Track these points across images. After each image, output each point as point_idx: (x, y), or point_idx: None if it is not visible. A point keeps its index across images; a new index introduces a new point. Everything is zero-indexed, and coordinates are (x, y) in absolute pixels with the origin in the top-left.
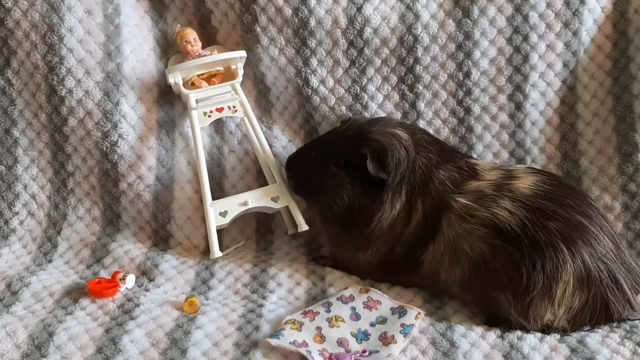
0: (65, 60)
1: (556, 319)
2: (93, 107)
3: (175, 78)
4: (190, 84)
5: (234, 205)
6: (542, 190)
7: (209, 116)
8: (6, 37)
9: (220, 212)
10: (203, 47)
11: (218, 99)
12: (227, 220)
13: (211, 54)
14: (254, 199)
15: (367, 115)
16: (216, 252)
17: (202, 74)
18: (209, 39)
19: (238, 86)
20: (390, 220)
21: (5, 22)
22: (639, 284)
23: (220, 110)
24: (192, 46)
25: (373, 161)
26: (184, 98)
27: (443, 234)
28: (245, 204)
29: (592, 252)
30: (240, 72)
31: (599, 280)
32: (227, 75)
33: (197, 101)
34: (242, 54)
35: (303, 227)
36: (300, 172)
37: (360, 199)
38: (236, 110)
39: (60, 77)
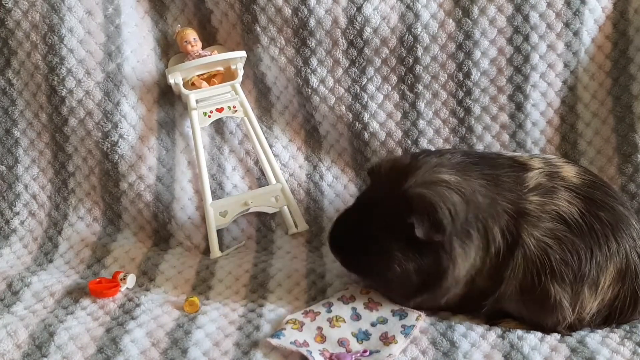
0: (65, 60)
1: (591, 312)
2: (93, 107)
3: (175, 78)
4: (191, 84)
5: (234, 205)
6: (587, 179)
7: (209, 116)
8: (7, 38)
9: (221, 212)
10: (203, 47)
11: (218, 99)
12: (227, 220)
13: (211, 54)
14: (255, 199)
15: (367, 115)
16: (216, 252)
17: (202, 74)
18: (209, 39)
19: (238, 86)
20: (467, 268)
21: (6, 23)
22: None
23: (220, 110)
24: (192, 46)
25: (422, 225)
26: (184, 98)
27: (522, 246)
28: (245, 204)
29: (633, 245)
30: (240, 72)
31: (634, 274)
32: (227, 75)
33: (197, 101)
34: (242, 54)
35: (303, 226)
36: (344, 248)
37: (419, 264)
38: (236, 111)
39: (61, 77)
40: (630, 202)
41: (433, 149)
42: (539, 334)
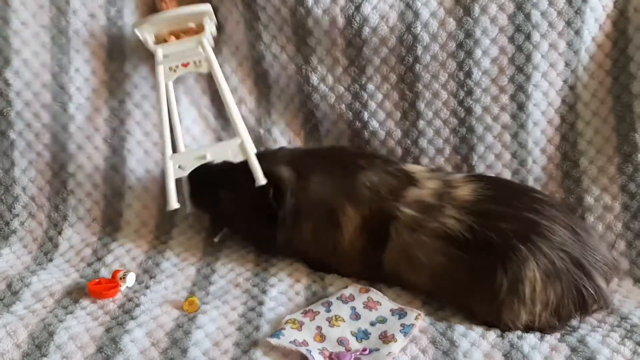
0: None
1: (535, 317)
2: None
3: (142, 33)
4: (164, 41)
5: (192, 158)
6: (483, 195)
7: (174, 71)
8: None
9: (180, 165)
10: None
11: (184, 54)
12: (185, 173)
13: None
14: (213, 153)
15: (366, 114)
16: (173, 203)
17: (175, 31)
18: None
19: (205, 41)
20: (302, 242)
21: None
22: (608, 266)
23: (185, 65)
24: (166, 4)
25: (268, 196)
26: (153, 53)
27: (394, 241)
28: (203, 157)
29: (550, 245)
30: (207, 26)
31: (566, 269)
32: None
33: (164, 56)
34: (206, 7)
35: (261, 181)
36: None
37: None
38: (202, 65)
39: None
40: (630, 201)
41: (433, 149)
42: (539, 334)
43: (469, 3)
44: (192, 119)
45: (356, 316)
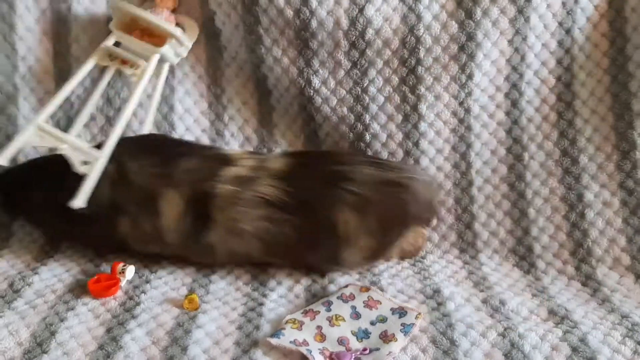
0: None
1: (365, 250)
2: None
3: (114, 12)
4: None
5: (51, 139)
6: (294, 163)
7: (111, 61)
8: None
9: (41, 135)
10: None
11: (130, 53)
12: (38, 144)
13: (163, 17)
14: (68, 151)
15: (368, 117)
16: (2, 159)
17: (144, 30)
18: (212, 38)
19: (153, 57)
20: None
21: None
22: (425, 177)
23: (124, 63)
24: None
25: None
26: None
27: (217, 221)
28: (58, 146)
29: (353, 183)
30: (166, 46)
31: (378, 197)
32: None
33: (117, 44)
34: (174, 30)
35: (77, 203)
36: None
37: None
38: (134, 72)
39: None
40: (628, 197)
41: (433, 149)
42: (540, 332)
43: (470, 6)
44: (185, 108)
45: (356, 315)
